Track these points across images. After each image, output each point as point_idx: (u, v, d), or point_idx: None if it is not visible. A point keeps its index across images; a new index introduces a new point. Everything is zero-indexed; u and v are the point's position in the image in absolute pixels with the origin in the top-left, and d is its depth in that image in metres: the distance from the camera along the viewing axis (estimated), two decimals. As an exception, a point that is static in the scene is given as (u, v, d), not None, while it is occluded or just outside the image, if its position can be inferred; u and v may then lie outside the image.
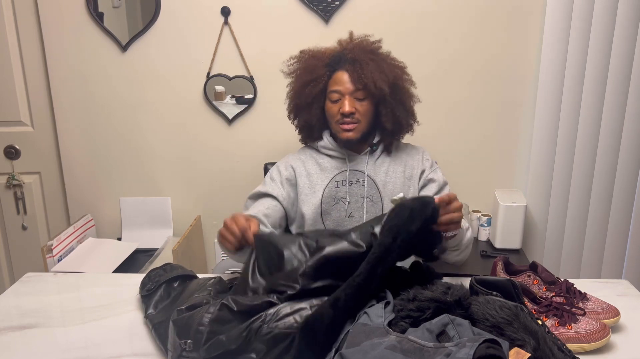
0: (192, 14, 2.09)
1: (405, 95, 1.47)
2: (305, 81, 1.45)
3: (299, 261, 1.06)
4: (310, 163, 1.52)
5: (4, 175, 2.29)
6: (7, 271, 2.41)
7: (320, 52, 1.48)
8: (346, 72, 1.41)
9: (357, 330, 0.92)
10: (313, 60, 1.46)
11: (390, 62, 1.45)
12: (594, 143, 2.04)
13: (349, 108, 1.40)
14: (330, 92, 1.44)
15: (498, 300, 0.94)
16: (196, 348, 0.97)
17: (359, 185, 1.47)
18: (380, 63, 1.41)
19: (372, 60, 1.41)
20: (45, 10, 2.10)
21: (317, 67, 1.44)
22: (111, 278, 1.42)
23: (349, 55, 1.42)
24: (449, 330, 0.84)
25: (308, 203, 1.47)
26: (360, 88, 1.40)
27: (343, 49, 1.46)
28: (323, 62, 1.45)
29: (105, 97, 2.19)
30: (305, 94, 1.46)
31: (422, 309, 0.94)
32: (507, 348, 0.80)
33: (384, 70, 1.40)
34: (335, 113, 1.43)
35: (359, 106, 1.42)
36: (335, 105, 1.43)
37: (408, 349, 0.81)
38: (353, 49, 1.43)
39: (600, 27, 1.92)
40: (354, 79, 1.40)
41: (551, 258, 2.17)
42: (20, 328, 1.15)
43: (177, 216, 2.31)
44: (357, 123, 1.43)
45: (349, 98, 1.41)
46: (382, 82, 1.39)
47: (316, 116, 1.48)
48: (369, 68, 1.38)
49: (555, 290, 1.17)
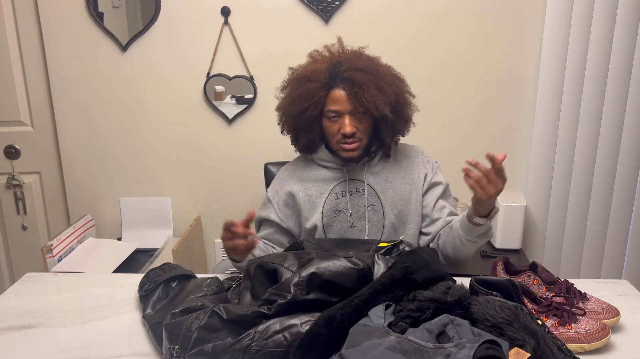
0: (192, 14, 2.09)
1: (404, 108, 1.43)
2: (304, 107, 1.38)
3: (292, 273, 1.05)
4: (307, 177, 1.49)
5: (4, 175, 2.29)
6: (7, 271, 2.41)
7: (315, 70, 1.38)
8: (343, 90, 1.35)
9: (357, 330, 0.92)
10: (309, 84, 1.37)
11: (389, 79, 1.39)
12: (594, 143, 2.04)
13: (350, 129, 1.35)
14: (328, 111, 1.38)
15: (498, 300, 0.94)
16: (182, 353, 0.95)
17: (359, 195, 1.45)
18: (380, 83, 1.35)
19: (372, 82, 1.34)
20: (45, 10, 2.10)
21: (314, 89, 1.37)
22: (111, 278, 1.42)
23: (345, 73, 1.35)
24: (449, 330, 0.84)
25: (309, 219, 1.45)
26: (359, 108, 1.35)
27: (336, 62, 1.38)
28: (319, 82, 1.37)
29: (105, 97, 2.19)
30: (305, 118, 1.40)
31: (421, 310, 0.94)
32: (507, 348, 0.80)
33: (384, 91, 1.35)
34: (336, 132, 1.38)
35: (359, 124, 1.37)
36: (335, 124, 1.38)
37: (408, 350, 0.81)
38: (349, 67, 1.36)
39: (600, 27, 1.92)
40: (352, 100, 1.34)
41: (551, 258, 2.17)
42: (20, 328, 1.15)
43: (177, 216, 2.31)
44: (359, 141, 1.39)
45: (349, 118, 1.36)
46: (383, 104, 1.34)
47: (318, 134, 1.44)
48: (370, 92, 1.33)
49: (555, 290, 1.17)
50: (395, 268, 1.01)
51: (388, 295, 0.97)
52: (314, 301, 0.99)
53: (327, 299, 0.99)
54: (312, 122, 1.41)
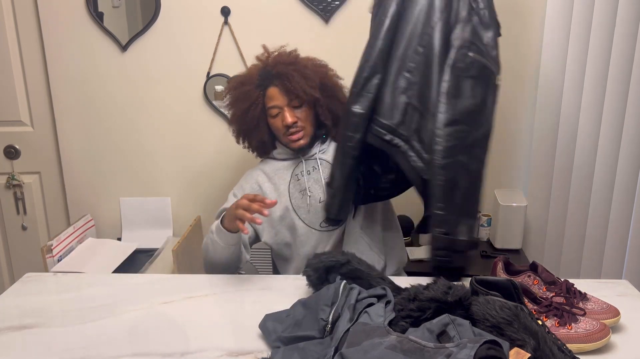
0: (192, 14, 2.09)
1: (335, 90, 1.56)
2: (244, 108, 1.53)
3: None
4: (270, 170, 1.59)
5: (4, 175, 2.29)
6: (7, 271, 2.41)
7: (247, 75, 1.56)
8: (276, 87, 1.49)
9: (357, 330, 0.92)
10: (244, 87, 1.54)
11: (311, 67, 1.53)
12: (594, 143, 2.04)
13: (290, 119, 1.48)
14: (269, 109, 1.51)
15: (498, 300, 0.94)
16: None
17: (316, 171, 1.54)
18: (304, 71, 1.49)
19: (295, 70, 1.49)
20: (45, 10, 2.10)
21: (250, 91, 1.52)
22: (111, 278, 1.42)
23: (273, 71, 1.50)
24: (450, 330, 0.84)
25: (279, 204, 1.53)
26: (293, 98, 1.48)
27: (265, 65, 1.53)
28: (253, 84, 1.52)
29: (105, 97, 2.19)
30: (249, 119, 1.53)
31: (422, 309, 0.94)
32: (507, 349, 0.80)
33: (309, 76, 1.49)
34: (280, 126, 1.51)
35: (299, 114, 1.50)
36: (277, 119, 1.51)
37: (408, 349, 0.81)
38: (275, 64, 1.51)
39: (600, 27, 1.93)
40: (285, 92, 1.48)
41: (551, 258, 2.17)
42: (20, 328, 1.15)
43: (177, 216, 2.31)
44: (302, 130, 1.51)
45: (287, 109, 1.49)
46: (310, 88, 1.47)
47: (266, 133, 1.56)
48: (295, 80, 1.47)
49: (555, 290, 1.17)
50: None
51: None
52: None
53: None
54: (257, 122, 1.53)
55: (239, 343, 1.08)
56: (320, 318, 1.00)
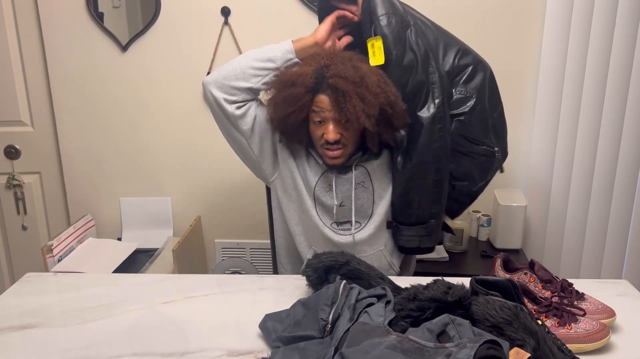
0: (192, 14, 2.09)
1: (393, 119, 1.35)
2: (289, 112, 1.34)
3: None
4: (303, 155, 1.46)
5: (4, 175, 2.29)
6: (7, 271, 2.41)
7: (300, 75, 1.32)
8: (328, 97, 1.30)
9: (357, 329, 0.92)
10: (294, 89, 1.32)
11: (375, 90, 1.31)
12: (594, 143, 2.04)
13: (332, 137, 1.32)
14: (313, 113, 1.34)
15: (498, 300, 0.94)
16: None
17: (350, 174, 1.42)
18: (364, 94, 1.28)
19: (355, 91, 1.28)
20: (45, 10, 2.10)
21: (300, 94, 1.31)
22: (111, 278, 1.42)
23: (330, 79, 1.29)
24: (450, 330, 0.85)
25: (305, 184, 1.44)
26: (343, 117, 1.30)
27: (323, 65, 1.33)
28: (305, 87, 1.31)
29: (106, 97, 2.19)
30: (290, 122, 1.35)
31: (422, 309, 0.94)
32: (507, 349, 0.80)
33: (368, 101, 1.28)
34: (319, 137, 1.35)
35: (344, 131, 1.33)
36: (319, 128, 1.35)
37: (408, 349, 0.82)
38: (334, 73, 1.29)
39: (600, 27, 1.93)
40: (336, 107, 1.30)
41: (551, 258, 2.17)
42: (20, 328, 1.15)
43: (177, 216, 2.31)
44: (342, 149, 1.36)
45: (333, 124, 1.32)
46: (365, 116, 1.28)
47: (305, 137, 1.41)
48: (352, 103, 1.27)
49: (551, 289, 1.17)
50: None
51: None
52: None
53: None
54: (298, 126, 1.37)
55: (239, 342, 1.08)
56: (320, 318, 1.00)
